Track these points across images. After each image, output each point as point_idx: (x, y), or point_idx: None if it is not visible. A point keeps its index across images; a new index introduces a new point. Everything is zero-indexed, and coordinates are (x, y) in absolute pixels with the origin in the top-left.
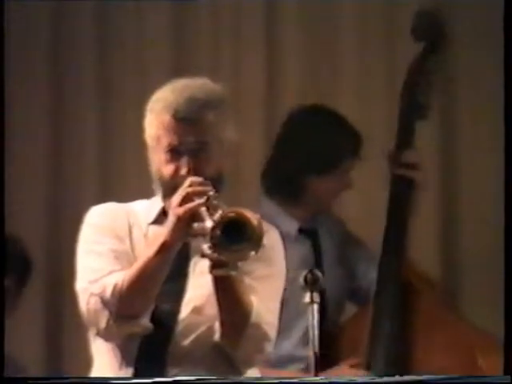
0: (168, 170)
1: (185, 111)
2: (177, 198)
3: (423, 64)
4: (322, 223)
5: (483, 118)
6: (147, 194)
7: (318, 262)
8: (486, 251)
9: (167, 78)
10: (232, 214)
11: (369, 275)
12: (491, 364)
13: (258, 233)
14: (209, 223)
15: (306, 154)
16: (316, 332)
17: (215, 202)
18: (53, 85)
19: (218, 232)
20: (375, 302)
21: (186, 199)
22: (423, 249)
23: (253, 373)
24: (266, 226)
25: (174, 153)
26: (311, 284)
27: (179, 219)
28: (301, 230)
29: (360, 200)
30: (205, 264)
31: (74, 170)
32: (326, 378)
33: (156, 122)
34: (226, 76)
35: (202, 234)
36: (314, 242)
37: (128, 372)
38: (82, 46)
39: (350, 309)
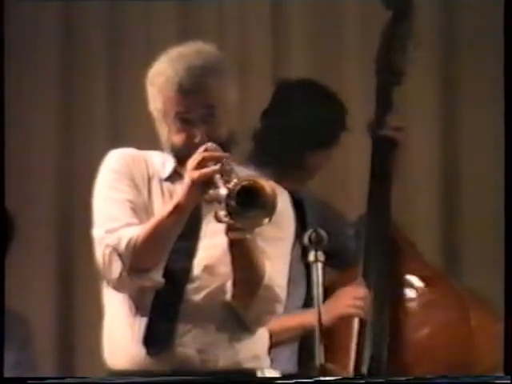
0: (180, 138)
1: (188, 83)
2: (192, 161)
3: (394, 30)
4: (305, 191)
5: (484, 79)
6: (156, 143)
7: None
8: (487, 220)
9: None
10: (247, 182)
11: (340, 238)
12: (484, 324)
13: (271, 200)
14: (223, 190)
15: (303, 130)
16: (320, 289)
17: (229, 167)
18: (64, 42)
19: (233, 199)
20: (364, 262)
21: (201, 163)
22: (424, 220)
23: (262, 331)
24: (277, 189)
25: (184, 122)
26: (315, 243)
27: (194, 183)
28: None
29: (339, 168)
30: (216, 224)
31: (85, 116)
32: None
33: (160, 96)
34: (232, 43)
35: (216, 200)
36: (300, 213)
37: (142, 322)
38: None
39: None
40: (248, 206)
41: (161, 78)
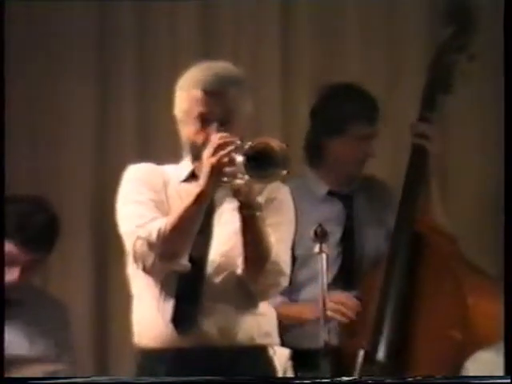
0: (198, 137)
1: (212, 85)
2: (209, 150)
3: (451, 45)
4: (362, 189)
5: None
6: (175, 157)
7: (348, 223)
8: (486, 201)
9: (195, 57)
10: (260, 145)
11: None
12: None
13: (283, 157)
14: (239, 158)
15: (321, 119)
16: (325, 277)
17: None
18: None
19: (251, 161)
20: (390, 249)
21: (217, 149)
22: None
23: (271, 311)
24: (278, 183)
25: (204, 122)
26: (320, 236)
27: (213, 167)
28: (331, 193)
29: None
30: (228, 216)
31: (115, 132)
32: (349, 379)
33: (187, 96)
34: (246, 61)
35: (233, 173)
36: (346, 205)
37: (169, 304)
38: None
39: None
40: (264, 164)
41: (189, 81)
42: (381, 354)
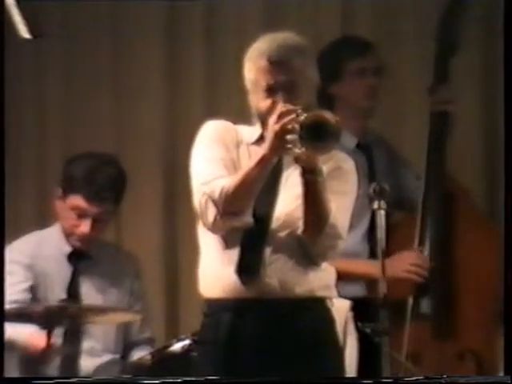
0: (265, 104)
1: (277, 55)
2: (273, 117)
3: (457, 5)
4: (374, 140)
5: None
6: (243, 119)
7: (372, 174)
8: None
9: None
10: (314, 117)
11: (413, 186)
12: None
13: (336, 129)
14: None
15: (320, 68)
16: (383, 232)
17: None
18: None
19: (305, 132)
20: (423, 206)
21: (280, 117)
22: (468, 166)
23: (326, 265)
24: (344, 156)
25: (270, 90)
26: (379, 194)
27: (276, 134)
28: (358, 145)
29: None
30: (294, 179)
31: (186, 90)
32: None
33: (254, 67)
34: (307, 28)
35: (294, 141)
36: (367, 156)
37: (234, 256)
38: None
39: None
40: (319, 135)
41: (255, 52)
42: (425, 307)
